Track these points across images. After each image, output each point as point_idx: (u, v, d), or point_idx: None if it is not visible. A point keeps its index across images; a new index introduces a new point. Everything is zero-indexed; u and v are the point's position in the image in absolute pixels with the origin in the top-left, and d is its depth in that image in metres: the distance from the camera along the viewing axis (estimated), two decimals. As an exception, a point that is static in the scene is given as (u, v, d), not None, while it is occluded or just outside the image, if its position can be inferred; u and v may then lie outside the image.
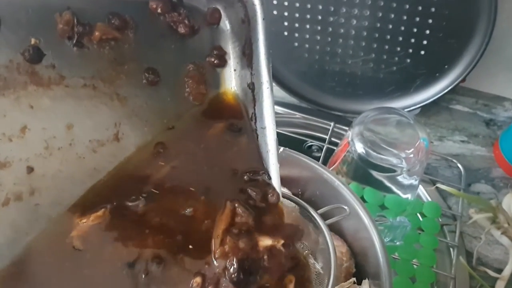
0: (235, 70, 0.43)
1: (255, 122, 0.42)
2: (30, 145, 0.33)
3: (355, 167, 0.68)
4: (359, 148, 0.64)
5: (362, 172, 0.68)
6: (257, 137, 0.42)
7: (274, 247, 0.37)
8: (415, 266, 0.68)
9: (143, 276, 0.34)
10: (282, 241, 0.36)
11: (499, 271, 0.70)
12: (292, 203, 0.53)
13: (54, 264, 0.34)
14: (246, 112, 0.43)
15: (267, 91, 0.40)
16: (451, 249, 0.72)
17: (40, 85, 0.33)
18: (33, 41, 0.32)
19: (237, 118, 0.43)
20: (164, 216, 0.37)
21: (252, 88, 0.42)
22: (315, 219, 0.50)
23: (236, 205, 0.37)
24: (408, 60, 0.80)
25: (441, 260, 0.72)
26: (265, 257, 0.35)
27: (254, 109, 0.42)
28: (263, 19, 0.40)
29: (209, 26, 0.42)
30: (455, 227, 0.74)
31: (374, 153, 0.64)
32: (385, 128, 0.68)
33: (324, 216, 0.50)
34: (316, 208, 0.51)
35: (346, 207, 0.53)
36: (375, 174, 0.67)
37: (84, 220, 0.35)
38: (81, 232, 0.34)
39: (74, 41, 0.34)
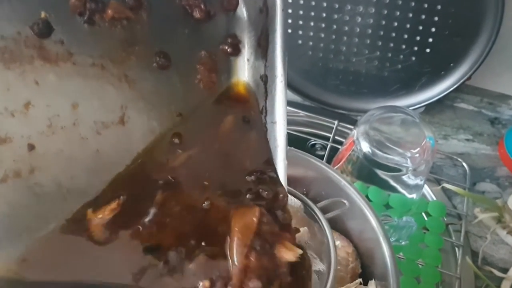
0: (248, 60, 0.42)
1: (265, 116, 0.41)
2: (33, 122, 0.32)
3: (360, 166, 0.68)
4: (365, 147, 0.64)
5: (367, 172, 0.67)
6: (266, 131, 0.41)
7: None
8: (420, 266, 0.67)
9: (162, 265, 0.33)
10: (300, 251, 0.35)
11: (505, 270, 0.70)
12: (296, 203, 0.52)
13: (71, 251, 0.34)
14: (257, 105, 0.42)
15: (281, 85, 0.38)
16: (456, 248, 0.72)
17: (47, 60, 0.32)
18: (43, 14, 0.31)
19: (248, 111, 0.42)
20: (182, 207, 0.36)
21: (264, 81, 0.40)
22: (315, 213, 0.50)
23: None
24: (413, 58, 0.80)
25: (446, 260, 0.72)
26: (285, 270, 0.34)
27: (265, 103, 0.41)
28: (283, 9, 0.38)
29: (225, 13, 0.40)
30: (460, 227, 0.74)
31: (380, 153, 0.63)
32: (390, 127, 0.67)
33: (324, 211, 0.50)
34: (322, 210, 0.51)
35: (345, 201, 0.53)
36: (380, 173, 0.66)
37: (100, 216, 0.34)
38: (97, 227, 0.34)
39: (86, 18, 0.33)
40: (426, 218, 0.73)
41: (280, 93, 0.38)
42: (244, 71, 0.42)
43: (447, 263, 0.72)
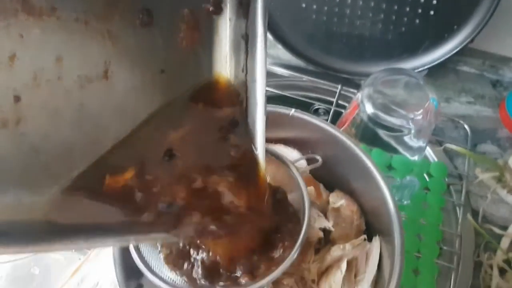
0: (230, 19, 0.42)
1: (246, 75, 0.42)
2: (18, 74, 0.33)
3: (364, 128, 0.69)
4: (369, 109, 0.65)
5: (371, 134, 0.68)
6: (246, 90, 0.42)
7: None
8: (422, 224, 0.70)
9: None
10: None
11: (505, 228, 0.72)
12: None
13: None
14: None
15: (261, 44, 0.39)
16: (457, 208, 0.74)
17: (31, 14, 0.32)
18: None
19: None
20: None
21: (246, 40, 0.41)
22: (290, 167, 0.51)
23: None
24: (417, 21, 0.80)
25: (448, 219, 0.74)
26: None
27: (246, 61, 0.41)
28: None
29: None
30: (461, 187, 0.75)
31: (383, 115, 0.64)
32: (394, 89, 0.68)
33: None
34: (327, 171, 0.52)
35: (318, 157, 0.55)
36: (383, 136, 0.68)
37: (116, 180, 0.36)
38: (113, 189, 0.35)
39: None
40: (428, 179, 0.75)
41: (260, 52, 0.38)
42: (225, 30, 0.42)
43: (448, 221, 0.74)
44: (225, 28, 0.42)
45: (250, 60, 0.41)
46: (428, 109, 0.65)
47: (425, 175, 0.76)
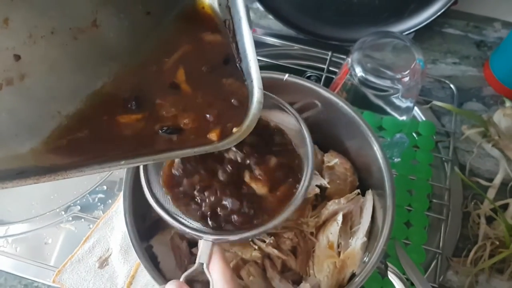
0: None
1: (230, 10, 0.43)
2: (14, 35, 0.36)
3: (355, 92, 0.71)
4: (359, 72, 0.67)
5: (361, 97, 0.71)
6: (233, 26, 0.44)
7: None
8: (412, 180, 0.73)
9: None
10: None
11: (490, 180, 0.76)
12: (295, 126, 0.56)
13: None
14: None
15: None
16: (445, 163, 0.78)
17: None
18: None
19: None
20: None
21: None
22: (293, 114, 0.51)
23: None
24: (402, -15, 0.82)
25: (437, 174, 0.78)
26: None
27: (227, 1, 0.43)
28: None
29: None
30: (449, 143, 0.79)
31: (373, 77, 0.67)
32: (382, 53, 0.71)
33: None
34: (321, 133, 0.54)
35: (317, 102, 0.57)
36: (373, 97, 0.71)
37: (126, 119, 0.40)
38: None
39: None
40: (417, 137, 0.78)
41: None
42: None
43: (437, 176, 0.78)
44: None
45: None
46: (415, 70, 0.67)
47: (414, 134, 0.79)
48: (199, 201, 0.46)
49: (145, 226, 0.58)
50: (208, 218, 0.45)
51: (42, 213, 0.75)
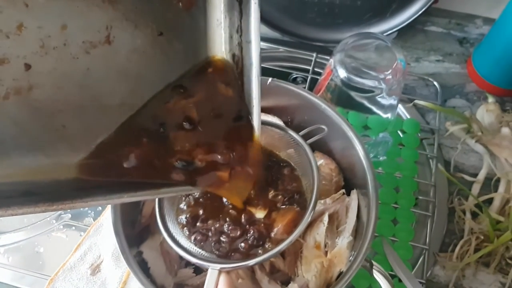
0: None
1: (241, 35, 0.43)
2: (27, 43, 0.35)
3: (339, 92, 0.72)
4: (342, 73, 0.69)
5: (345, 97, 0.72)
6: (242, 50, 0.44)
7: None
8: (398, 178, 0.74)
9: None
10: None
11: (475, 175, 0.78)
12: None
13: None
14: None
15: (255, 6, 0.39)
16: (430, 160, 0.79)
17: None
18: None
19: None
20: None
21: (239, 2, 0.42)
22: (298, 141, 0.54)
23: None
24: (383, -15, 0.83)
25: (422, 171, 0.79)
26: None
27: (241, 22, 0.43)
28: None
29: None
30: (433, 140, 0.80)
31: (356, 78, 0.68)
32: (365, 53, 0.72)
33: (307, 137, 0.55)
34: (304, 137, 0.56)
35: (324, 126, 0.57)
36: (357, 97, 0.72)
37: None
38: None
39: None
40: (401, 135, 0.79)
41: (254, 14, 0.40)
42: None
43: (422, 173, 0.79)
44: None
45: (244, 20, 0.42)
46: (396, 69, 0.69)
47: (399, 132, 0.80)
48: (204, 231, 0.49)
49: (134, 232, 0.59)
50: (213, 247, 0.48)
51: (33, 221, 0.75)
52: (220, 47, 0.46)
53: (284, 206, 0.50)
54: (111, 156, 0.40)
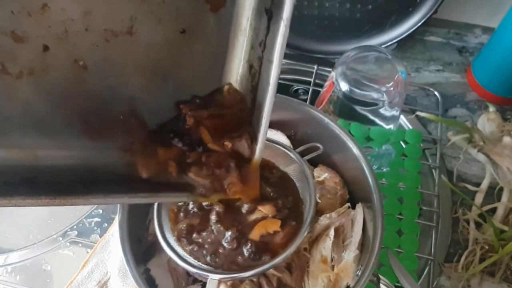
0: None
1: (263, 51, 0.41)
2: (48, 24, 0.34)
3: (341, 105, 0.73)
4: (343, 86, 0.69)
5: (347, 109, 0.73)
6: (261, 66, 0.42)
7: None
8: (401, 188, 0.75)
9: None
10: None
11: (478, 185, 0.78)
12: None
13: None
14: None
15: (284, 29, 0.37)
16: (433, 170, 0.80)
17: None
18: None
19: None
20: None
21: (269, 16, 0.39)
22: (296, 157, 0.55)
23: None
24: (382, -2, 0.84)
25: (425, 181, 0.79)
26: None
27: (266, 38, 0.40)
28: None
29: None
30: (435, 150, 0.81)
31: (357, 90, 0.69)
32: (365, 65, 0.73)
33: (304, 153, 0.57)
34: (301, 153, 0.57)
35: (319, 145, 0.58)
36: (359, 109, 0.72)
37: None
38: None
39: None
40: (404, 146, 0.80)
41: (281, 36, 0.37)
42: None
43: (425, 183, 0.79)
44: (249, 2, 0.41)
45: (270, 39, 0.39)
46: (398, 81, 0.69)
47: (401, 142, 0.81)
48: (200, 241, 0.49)
49: (141, 250, 0.59)
50: (210, 258, 0.48)
51: (39, 238, 0.76)
52: (239, 54, 0.45)
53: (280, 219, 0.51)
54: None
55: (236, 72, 0.47)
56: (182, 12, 0.40)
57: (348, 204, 0.63)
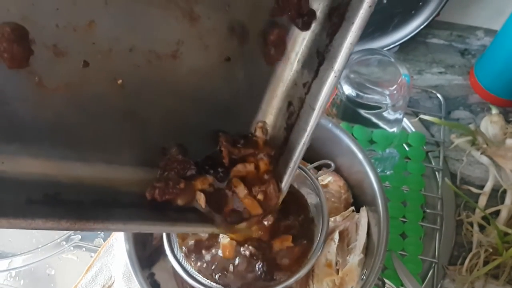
0: (313, 31, 0.39)
1: (306, 94, 0.39)
2: (93, 41, 0.33)
3: (344, 108, 0.73)
4: (347, 90, 0.69)
5: (351, 112, 0.73)
6: (301, 108, 0.41)
7: None
8: (405, 191, 0.75)
9: None
10: None
11: (481, 187, 0.78)
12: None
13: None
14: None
15: (333, 79, 0.35)
16: (436, 172, 0.80)
17: None
18: None
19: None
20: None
21: (320, 61, 0.37)
22: (309, 177, 0.56)
23: None
24: (385, 1, 0.84)
25: (429, 184, 0.79)
26: None
27: (311, 81, 0.39)
28: None
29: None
30: (439, 153, 0.81)
31: (361, 93, 0.69)
32: (368, 68, 0.73)
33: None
34: (313, 152, 0.57)
35: (331, 162, 0.58)
36: (363, 112, 0.72)
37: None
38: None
39: None
40: (407, 149, 0.80)
41: (329, 86, 0.36)
42: (302, 41, 0.40)
43: (429, 186, 0.79)
44: (302, 38, 0.40)
45: (316, 84, 0.38)
46: (401, 84, 0.69)
47: (404, 145, 0.81)
48: (209, 259, 0.49)
49: (146, 254, 0.59)
50: (217, 277, 0.48)
51: (43, 242, 0.76)
52: (281, 86, 0.43)
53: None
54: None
55: (274, 105, 0.45)
56: (231, 41, 0.39)
57: (353, 207, 0.63)
